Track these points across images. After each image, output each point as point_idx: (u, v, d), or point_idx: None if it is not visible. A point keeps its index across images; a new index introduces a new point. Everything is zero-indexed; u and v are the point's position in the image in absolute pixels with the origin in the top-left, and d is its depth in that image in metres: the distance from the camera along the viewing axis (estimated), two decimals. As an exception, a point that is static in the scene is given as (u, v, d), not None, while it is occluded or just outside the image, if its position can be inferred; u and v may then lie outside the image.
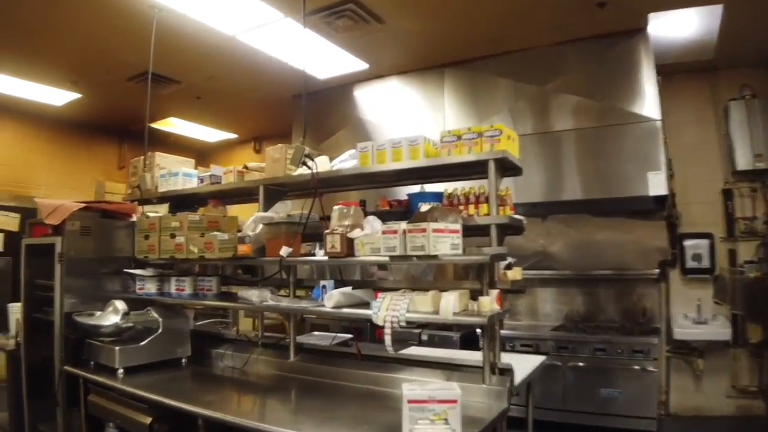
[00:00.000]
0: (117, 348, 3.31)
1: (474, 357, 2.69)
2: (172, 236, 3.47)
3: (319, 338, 3.89)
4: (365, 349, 3.01)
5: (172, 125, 8.26)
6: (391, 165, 2.78)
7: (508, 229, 2.71)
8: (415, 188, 3.08)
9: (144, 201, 4.31)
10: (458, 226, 2.39)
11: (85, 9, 4.45)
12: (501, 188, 2.68)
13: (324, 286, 2.82)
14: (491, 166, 2.55)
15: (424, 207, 2.50)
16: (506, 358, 2.66)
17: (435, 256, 2.27)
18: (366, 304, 2.59)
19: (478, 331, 3.30)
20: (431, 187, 3.03)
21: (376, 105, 6.10)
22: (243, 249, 3.16)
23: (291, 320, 3.31)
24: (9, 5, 4.46)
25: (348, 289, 2.73)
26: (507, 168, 2.72)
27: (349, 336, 4.10)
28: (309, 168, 3.02)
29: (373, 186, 3.36)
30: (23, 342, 3.93)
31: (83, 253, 3.78)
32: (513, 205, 2.76)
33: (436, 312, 2.30)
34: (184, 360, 3.66)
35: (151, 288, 3.80)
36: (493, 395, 2.48)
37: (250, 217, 3.28)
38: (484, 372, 2.53)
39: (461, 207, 2.81)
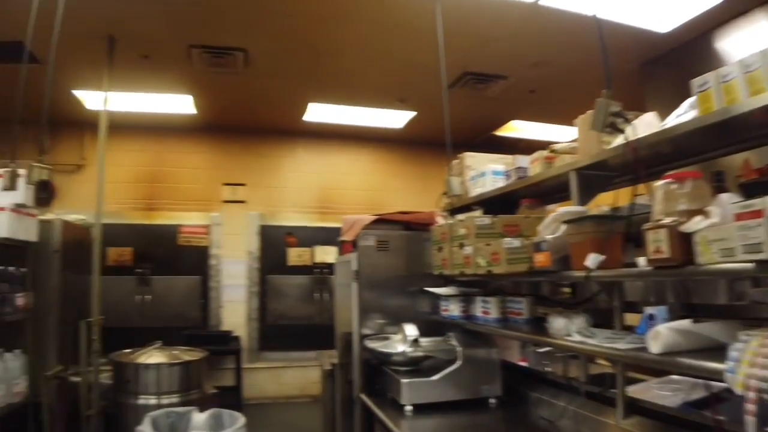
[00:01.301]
0: (404, 381, 2.90)
1: None
2: (460, 246, 2.86)
3: (675, 386, 2.73)
4: (733, 417, 1.83)
5: (517, 129, 7.86)
6: (747, 103, 1.61)
7: None
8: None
9: (460, 208, 3.85)
10: None
11: (378, 20, 4.38)
12: None
13: (651, 316, 1.80)
14: None
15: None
16: None
17: None
18: (720, 349, 1.48)
19: None
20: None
21: (744, 54, 4.44)
22: (539, 259, 2.36)
23: (618, 366, 2.32)
24: (330, 45, 4.89)
25: (686, 323, 1.64)
26: None
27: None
28: (620, 132, 2.04)
29: (730, 148, 2.11)
30: (338, 362, 3.85)
31: (381, 270, 3.55)
32: None
33: None
34: (492, 401, 3.05)
35: (454, 310, 3.29)
36: None
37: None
38: None
39: None
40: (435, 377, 2.93)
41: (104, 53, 4.47)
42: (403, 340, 3.04)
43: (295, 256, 7.68)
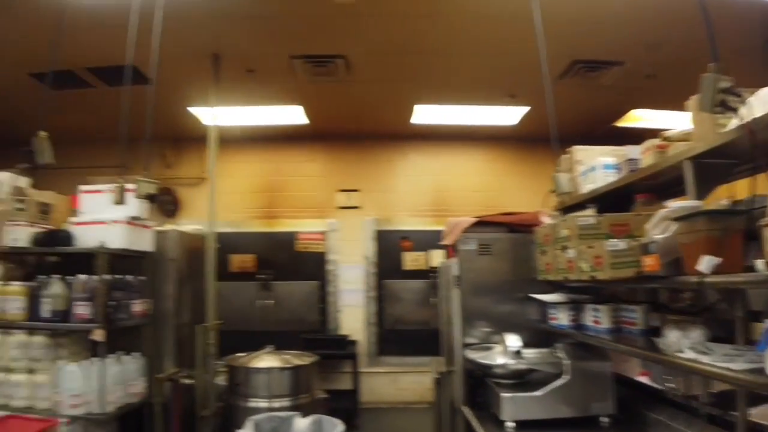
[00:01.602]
0: (504, 395, 2.73)
1: None
2: (563, 249, 2.64)
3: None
4: None
5: (641, 119, 7.25)
6: None
7: None
8: None
9: (571, 207, 3.60)
10: None
11: (476, 13, 4.29)
12: None
13: (773, 330, 1.52)
14: None
15: None
16: None
17: None
18: None
19: None
20: None
21: None
22: (648, 263, 2.10)
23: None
24: (428, 44, 4.82)
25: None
26: None
27: None
28: (733, 111, 1.76)
29: None
30: (444, 370, 3.76)
31: (484, 275, 3.42)
32: None
33: None
34: (604, 420, 2.79)
35: (563, 319, 3.06)
36: None
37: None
38: None
39: None
40: (539, 392, 2.73)
41: (210, 70, 4.70)
42: (505, 352, 2.87)
43: (411, 260, 7.65)
